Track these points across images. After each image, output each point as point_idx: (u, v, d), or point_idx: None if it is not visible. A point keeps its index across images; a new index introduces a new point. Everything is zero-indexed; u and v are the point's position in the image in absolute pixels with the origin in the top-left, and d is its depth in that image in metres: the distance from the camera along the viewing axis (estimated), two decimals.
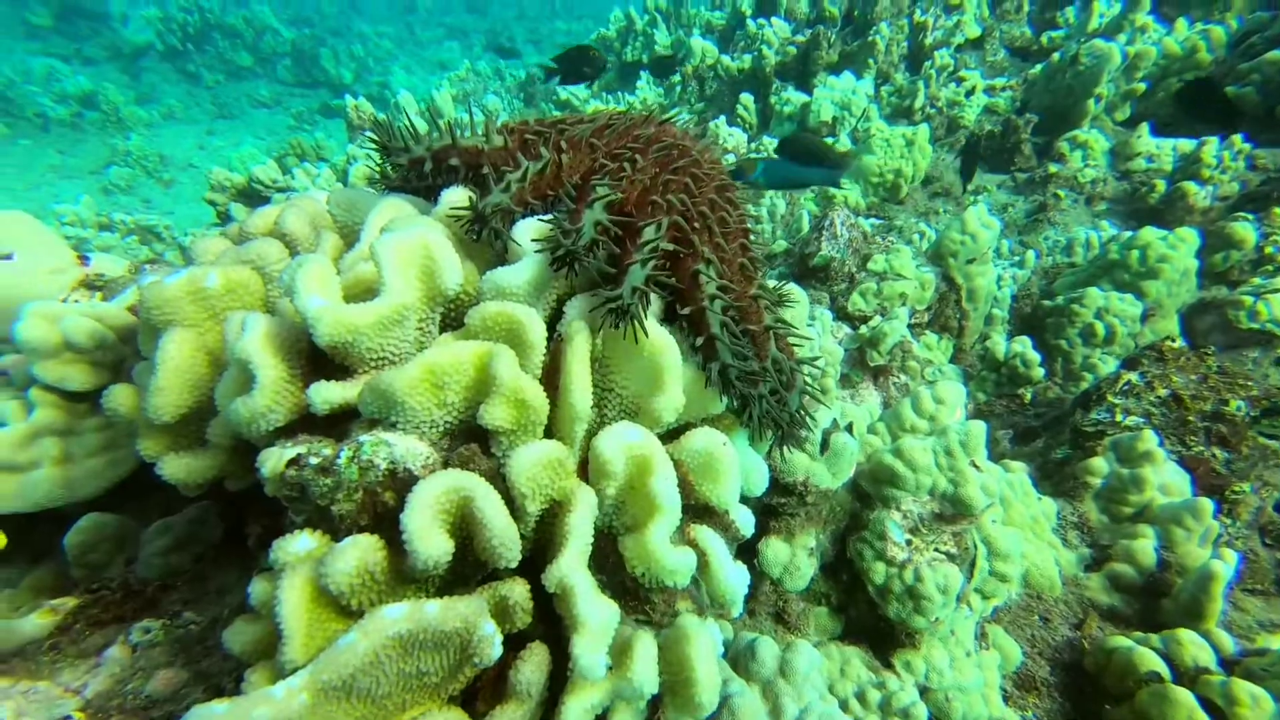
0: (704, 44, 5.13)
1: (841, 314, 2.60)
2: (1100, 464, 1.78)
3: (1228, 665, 1.45)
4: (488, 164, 1.21)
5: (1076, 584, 1.68)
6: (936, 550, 1.31)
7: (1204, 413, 1.75)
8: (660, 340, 1.02)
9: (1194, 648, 1.46)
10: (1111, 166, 3.62)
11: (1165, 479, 1.70)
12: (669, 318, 1.14)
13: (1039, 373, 2.25)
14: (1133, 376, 1.80)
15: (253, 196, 3.74)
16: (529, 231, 1.09)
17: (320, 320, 0.93)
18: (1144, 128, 3.57)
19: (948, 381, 1.55)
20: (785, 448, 1.26)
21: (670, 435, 1.14)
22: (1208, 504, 1.66)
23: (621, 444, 0.99)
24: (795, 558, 1.36)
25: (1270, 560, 1.80)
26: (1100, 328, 2.61)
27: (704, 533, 1.04)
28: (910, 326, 2.55)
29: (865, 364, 2.42)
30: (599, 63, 4.17)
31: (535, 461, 0.94)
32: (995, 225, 2.36)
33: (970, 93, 4.04)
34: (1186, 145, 3.44)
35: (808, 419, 1.16)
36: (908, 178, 3.63)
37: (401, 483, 0.96)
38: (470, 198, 1.12)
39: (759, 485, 1.14)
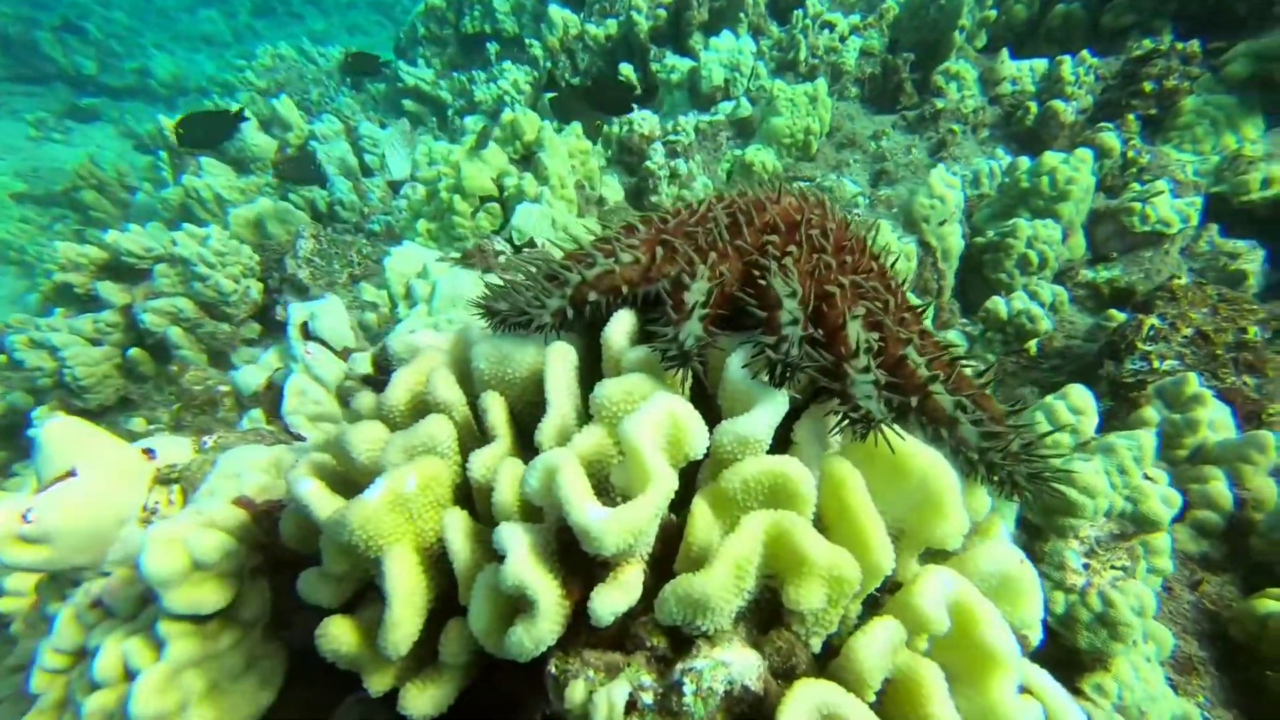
0: (564, 13, 4.81)
1: None
2: (1151, 413, 1.89)
3: None
4: (624, 284, 1.09)
5: None
6: (1113, 568, 1.36)
7: (1229, 344, 1.99)
8: (929, 459, 0.94)
9: None
10: (983, 93, 3.95)
11: (1212, 415, 1.85)
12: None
13: (1046, 324, 2.46)
14: (1154, 321, 2.01)
15: (124, 271, 2.98)
16: (741, 360, 0.99)
17: (608, 533, 0.81)
18: (1004, 53, 3.91)
19: (1076, 388, 1.62)
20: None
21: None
22: (1269, 436, 1.75)
23: (942, 596, 0.92)
24: None
25: None
26: (1034, 256, 2.90)
27: (1034, 672, 0.98)
28: None
29: None
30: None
31: (885, 651, 0.86)
32: (957, 184, 2.50)
33: (844, 38, 4.17)
34: (1041, 65, 3.83)
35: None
36: (817, 134, 3.73)
37: (736, 701, 0.86)
38: (666, 339, 0.99)
39: None
